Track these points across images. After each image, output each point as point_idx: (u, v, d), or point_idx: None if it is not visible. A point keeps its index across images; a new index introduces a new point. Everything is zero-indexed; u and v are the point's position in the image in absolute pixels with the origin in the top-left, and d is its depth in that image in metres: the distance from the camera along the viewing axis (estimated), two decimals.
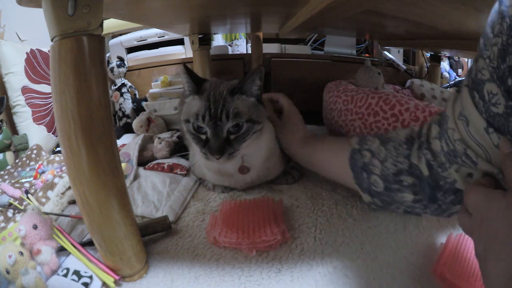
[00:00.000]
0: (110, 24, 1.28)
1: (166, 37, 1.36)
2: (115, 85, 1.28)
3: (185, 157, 0.83)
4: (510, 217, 0.27)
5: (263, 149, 0.63)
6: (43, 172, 0.74)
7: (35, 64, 1.01)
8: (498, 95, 0.29)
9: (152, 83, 1.30)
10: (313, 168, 0.64)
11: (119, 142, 1.05)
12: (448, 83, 1.49)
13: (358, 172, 0.48)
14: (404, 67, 1.43)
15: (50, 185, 0.66)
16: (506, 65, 0.28)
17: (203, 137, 0.55)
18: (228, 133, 0.54)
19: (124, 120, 1.23)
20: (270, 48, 1.48)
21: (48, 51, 1.02)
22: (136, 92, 1.32)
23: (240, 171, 0.63)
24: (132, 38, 1.38)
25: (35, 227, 0.48)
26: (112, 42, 1.40)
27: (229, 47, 1.52)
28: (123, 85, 1.27)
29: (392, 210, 0.49)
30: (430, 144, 0.40)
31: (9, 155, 0.90)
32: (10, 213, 0.62)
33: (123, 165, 0.76)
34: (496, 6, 0.29)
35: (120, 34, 1.43)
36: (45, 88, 1.03)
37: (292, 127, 0.69)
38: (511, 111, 0.29)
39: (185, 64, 0.56)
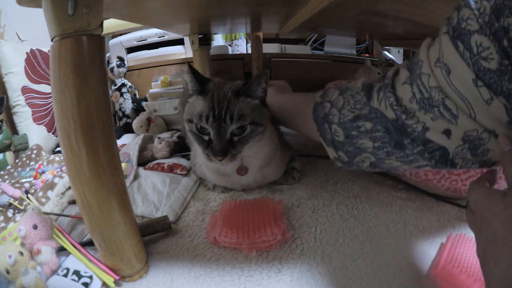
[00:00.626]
0: (110, 24, 1.28)
1: (166, 37, 1.36)
2: (115, 85, 1.28)
3: (185, 157, 0.83)
4: (509, 218, 0.27)
5: (263, 152, 0.62)
6: (43, 172, 0.74)
7: (35, 64, 1.01)
8: (490, 49, 0.28)
9: (152, 83, 1.30)
10: (285, 121, 0.66)
11: (119, 142, 1.05)
12: None
13: (320, 124, 0.48)
14: None
15: (50, 185, 0.66)
16: (500, 25, 0.27)
17: (206, 138, 0.54)
18: (231, 135, 0.53)
19: (124, 120, 1.23)
20: (270, 48, 1.48)
21: (48, 51, 1.02)
22: (136, 92, 1.32)
23: (238, 172, 0.63)
24: (132, 38, 1.38)
25: (35, 227, 0.48)
26: (112, 42, 1.40)
27: (229, 47, 1.52)
28: (123, 85, 1.27)
29: (357, 167, 0.47)
30: (395, 89, 0.38)
31: (9, 155, 0.90)
32: (10, 213, 0.62)
33: (123, 165, 0.76)
34: None
35: (120, 34, 1.43)
36: (45, 88, 1.03)
37: (277, 88, 0.73)
38: (505, 69, 0.28)
39: (189, 63, 0.55)
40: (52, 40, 0.37)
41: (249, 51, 1.48)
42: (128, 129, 1.19)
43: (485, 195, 0.30)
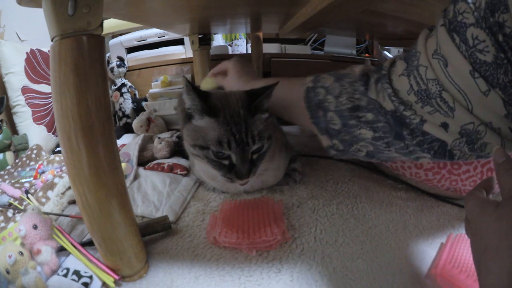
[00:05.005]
0: (110, 24, 1.28)
1: (166, 37, 1.36)
2: (115, 85, 1.28)
3: (185, 157, 0.83)
4: (500, 230, 0.27)
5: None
6: (43, 172, 0.74)
7: (35, 64, 1.01)
8: (486, 42, 0.29)
9: (152, 83, 1.30)
10: (274, 110, 0.59)
11: (119, 142, 1.05)
12: None
13: (314, 110, 0.46)
14: None
15: (50, 185, 0.66)
16: (495, 20, 0.28)
17: (226, 162, 0.51)
18: (251, 154, 0.51)
19: (124, 120, 1.23)
20: (270, 48, 1.48)
21: (48, 51, 1.02)
22: (136, 92, 1.32)
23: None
24: (132, 38, 1.38)
25: (35, 227, 0.48)
26: (112, 42, 1.40)
27: (229, 47, 1.52)
28: (123, 85, 1.27)
29: (352, 155, 0.46)
30: (391, 80, 0.38)
31: (9, 155, 0.90)
32: (10, 213, 0.62)
33: (123, 165, 0.76)
34: None
35: (120, 34, 1.43)
36: (45, 88, 1.03)
37: (238, 69, 0.66)
38: (501, 62, 0.28)
39: (187, 79, 0.49)
40: (52, 40, 0.37)
41: (249, 51, 1.48)
42: (128, 129, 1.19)
43: (479, 205, 0.31)
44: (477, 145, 0.34)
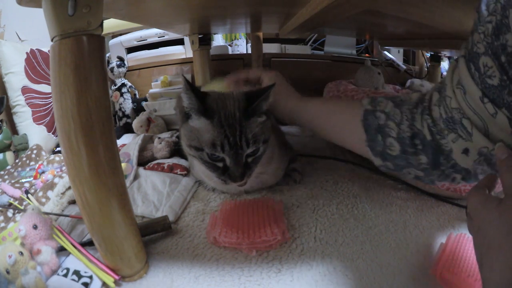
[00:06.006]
0: (110, 24, 1.28)
1: (166, 37, 1.36)
2: (115, 85, 1.28)
3: (185, 157, 0.83)
4: (503, 226, 0.27)
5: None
6: (43, 172, 0.74)
7: (35, 64, 1.01)
8: (493, 68, 0.31)
9: (152, 83, 1.30)
10: (311, 126, 0.59)
11: (119, 142, 1.05)
12: None
13: (372, 135, 0.46)
14: (404, 67, 1.44)
15: (50, 185, 0.66)
16: (499, 42, 0.29)
17: (220, 164, 0.51)
18: (245, 157, 0.51)
19: (124, 120, 1.23)
20: (270, 48, 1.48)
21: (48, 51, 1.02)
22: (136, 92, 1.32)
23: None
24: (132, 38, 1.38)
25: (35, 227, 0.48)
26: (112, 42, 1.40)
27: (229, 47, 1.52)
28: (123, 85, 1.27)
29: (401, 175, 0.50)
30: (431, 110, 0.41)
31: (9, 155, 0.90)
32: (10, 213, 0.62)
33: (123, 165, 0.76)
34: None
35: (120, 34, 1.43)
36: (45, 88, 1.03)
37: (283, 91, 0.62)
38: (505, 84, 0.30)
39: (186, 79, 0.49)
40: (52, 40, 0.37)
41: (249, 51, 1.48)
42: (128, 129, 1.19)
43: (481, 202, 0.31)
44: (493, 160, 0.36)
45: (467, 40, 0.35)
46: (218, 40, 1.57)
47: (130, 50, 1.41)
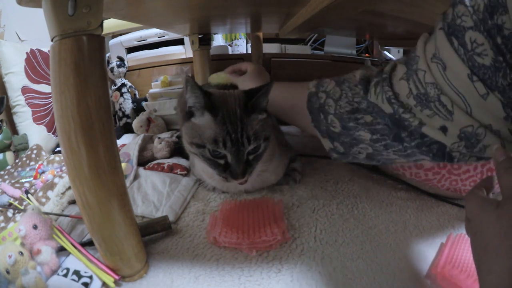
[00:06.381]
0: (110, 24, 1.28)
1: (166, 37, 1.36)
2: (115, 85, 1.28)
3: (185, 157, 0.83)
4: (501, 229, 0.27)
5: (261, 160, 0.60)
6: (43, 172, 0.74)
7: (35, 64, 1.01)
8: (484, 45, 0.29)
9: (152, 83, 1.30)
10: (272, 110, 0.61)
11: (119, 142, 1.05)
12: None
13: (315, 114, 0.47)
14: None
15: (50, 185, 0.66)
16: (494, 22, 0.28)
17: (221, 161, 0.51)
18: (247, 154, 0.52)
19: (124, 120, 1.23)
20: (270, 48, 1.48)
21: (48, 51, 1.02)
22: (136, 92, 1.32)
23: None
24: (132, 38, 1.37)
25: (35, 227, 0.48)
26: (112, 42, 1.40)
27: (229, 47, 1.52)
28: (123, 85, 1.27)
29: (353, 158, 0.47)
30: (392, 84, 0.39)
31: (9, 155, 0.90)
32: (10, 213, 0.62)
33: (123, 165, 0.76)
34: None
35: (120, 34, 1.42)
36: (45, 88, 1.03)
37: (257, 76, 0.72)
38: (500, 66, 0.28)
39: (192, 77, 0.50)
40: (52, 40, 0.37)
41: (249, 51, 1.48)
42: (128, 129, 1.19)
43: (479, 205, 0.31)
44: (476, 148, 0.34)
45: (445, 12, 0.33)
46: (218, 40, 1.57)
47: (130, 50, 1.41)
